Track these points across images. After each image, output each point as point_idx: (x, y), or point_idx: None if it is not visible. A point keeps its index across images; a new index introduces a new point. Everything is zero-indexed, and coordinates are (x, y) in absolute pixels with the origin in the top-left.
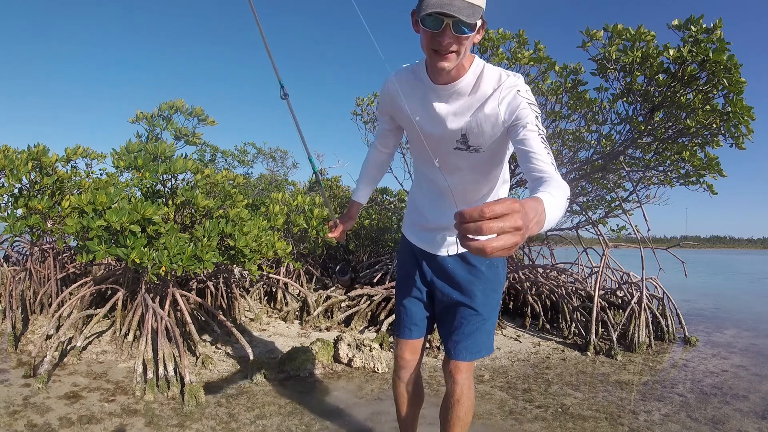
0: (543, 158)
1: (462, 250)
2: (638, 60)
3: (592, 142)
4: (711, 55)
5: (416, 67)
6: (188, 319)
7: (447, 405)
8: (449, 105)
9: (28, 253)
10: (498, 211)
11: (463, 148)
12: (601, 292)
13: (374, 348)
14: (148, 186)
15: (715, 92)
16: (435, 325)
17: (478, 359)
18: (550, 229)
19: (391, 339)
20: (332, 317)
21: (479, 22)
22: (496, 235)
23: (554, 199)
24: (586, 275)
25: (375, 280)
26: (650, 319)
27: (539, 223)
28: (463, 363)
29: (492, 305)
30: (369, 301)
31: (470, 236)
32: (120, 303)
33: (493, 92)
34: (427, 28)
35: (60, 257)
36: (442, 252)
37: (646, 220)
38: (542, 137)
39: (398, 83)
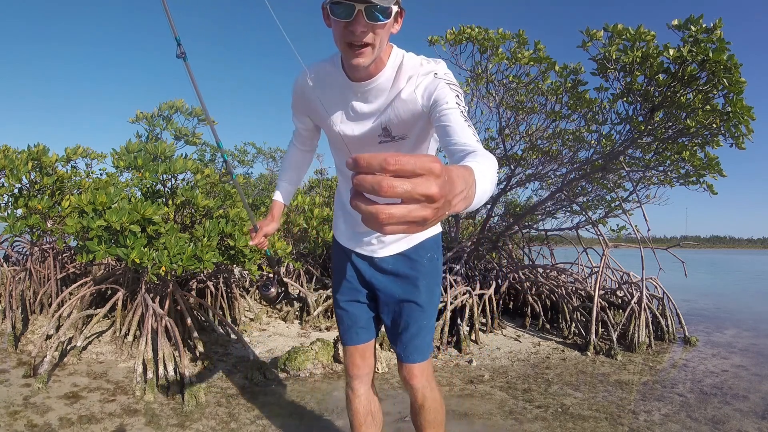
0: (465, 132)
1: (402, 248)
2: (638, 60)
3: (592, 142)
4: (711, 55)
5: (335, 59)
6: (188, 319)
7: (414, 411)
8: (370, 104)
9: (28, 253)
10: (407, 167)
11: (388, 140)
12: (601, 292)
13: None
14: (148, 186)
15: (715, 92)
16: (381, 326)
17: (428, 359)
18: (550, 230)
19: None
20: (332, 317)
21: (395, 9)
22: (400, 201)
23: (486, 170)
24: (586, 275)
25: None
26: (650, 319)
27: (467, 199)
28: (416, 366)
29: (435, 300)
30: None
31: (365, 193)
32: (120, 303)
33: (409, 79)
34: (337, 18)
35: (60, 257)
36: (380, 254)
37: (646, 220)
38: (464, 114)
39: (314, 82)
